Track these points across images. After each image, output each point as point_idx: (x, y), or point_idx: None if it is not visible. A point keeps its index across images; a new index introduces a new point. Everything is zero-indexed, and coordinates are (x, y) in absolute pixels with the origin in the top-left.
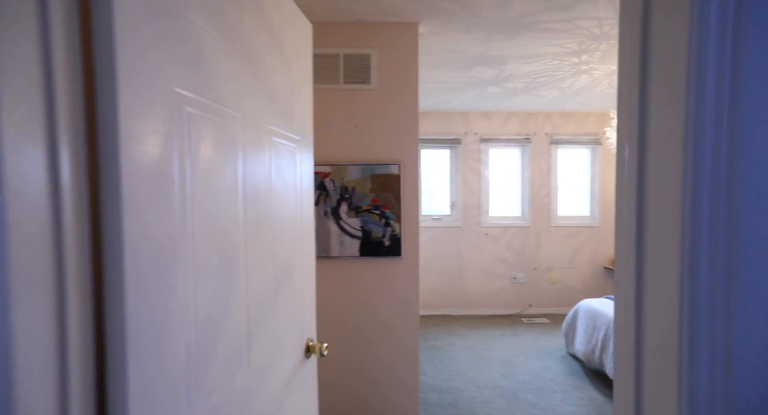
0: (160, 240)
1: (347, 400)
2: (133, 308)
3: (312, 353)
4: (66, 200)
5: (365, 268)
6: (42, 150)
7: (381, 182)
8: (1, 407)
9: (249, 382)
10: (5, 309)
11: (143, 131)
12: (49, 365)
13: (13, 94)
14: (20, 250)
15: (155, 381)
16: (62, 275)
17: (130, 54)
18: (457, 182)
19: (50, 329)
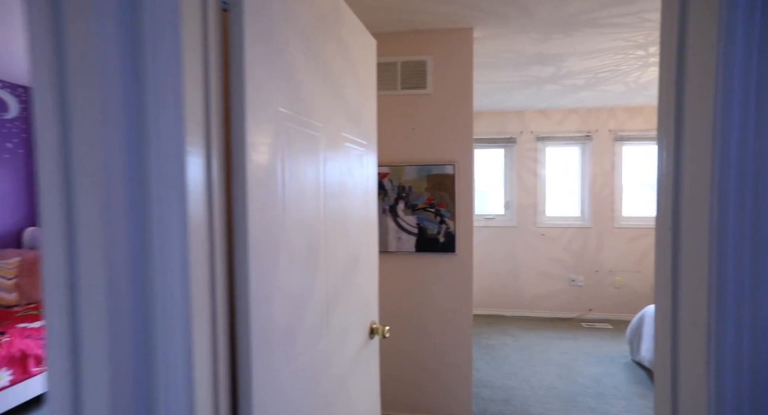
0: (269, 227)
1: (404, 386)
2: (253, 279)
3: (375, 335)
4: (215, 194)
5: (421, 263)
6: (202, 158)
7: (436, 182)
8: (182, 332)
9: (327, 350)
10: (185, 267)
11: (260, 142)
12: (207, 309)
13: (192, 118)
14: (192, 230)
15: (266, 335)
16: (213, 249)
17: (253, 86)
18: (511, 182)
19: (207, 284)
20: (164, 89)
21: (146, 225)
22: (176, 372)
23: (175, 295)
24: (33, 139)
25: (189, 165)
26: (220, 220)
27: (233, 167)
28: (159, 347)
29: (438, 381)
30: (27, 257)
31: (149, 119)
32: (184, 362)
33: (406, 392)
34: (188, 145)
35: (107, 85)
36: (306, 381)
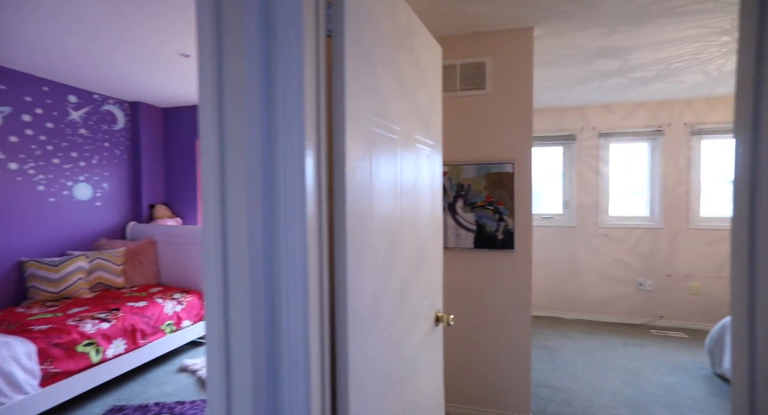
0: (362, 219)
1: (461, 378)
2: (350, 263)
3: (440, 322)
4: (323, 191)
5: (479, 259)
6: (315, 160)
7: (495, 180)
8: (301, 301)
9: (402, 330)
10: (303, 248)
11: (355, 146)
12: (317, 283)
13: (309, 127)
14: (309, 219)
15: (357, 309)
16: (321, 237)
17: (350, 98)
18: (570, 180)
19: (317, 265)
20: (291, 100)
21: (275, 215)
22: (297, 328)
23: (297, 271)
24: (136, 147)
25: (307, 166)
26: (326, 211)
27: (334, 167)
28: (283, 309)
29: (495, 376)
30: (130, 247)
31: (278, 127)
32: (303, 321)
33: (463, 384)
34: (307, 149)
35: (250, 104)
36: (386, 354)
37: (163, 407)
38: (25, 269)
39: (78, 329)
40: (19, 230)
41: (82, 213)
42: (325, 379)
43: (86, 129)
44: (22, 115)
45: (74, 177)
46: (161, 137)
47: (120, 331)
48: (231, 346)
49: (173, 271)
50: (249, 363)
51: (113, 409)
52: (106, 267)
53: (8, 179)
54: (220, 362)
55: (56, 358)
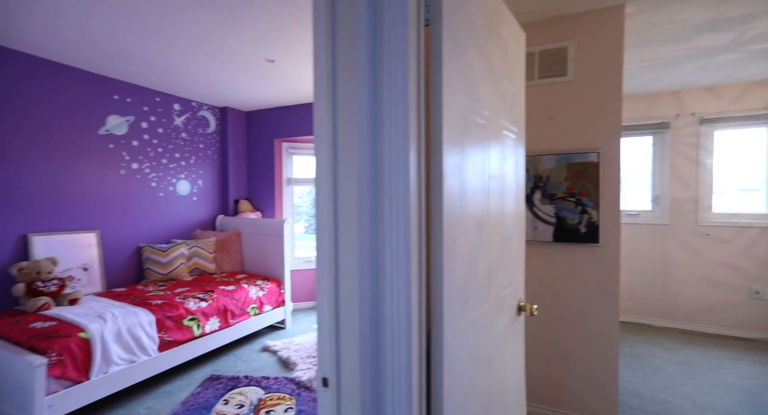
0: (455, 204)
1: (540, 378)
2: (446, 243)
3: (523, 312)
4: (422, 181)
5: (558, 253)
6: (416, 154)
7: (577, 170)
8: (405, 279)
9: (488, 314)
10: (407, 236)
11: (451, 134)
12: (417, 263)
13: (413, 124)
14: (411, 212)
15: (451, 288)
16: (420, 220)
17: (446, 84)
18: (662, 173)
19: (417, 246)
20: (396, 86)
21: (380, 204)
22: (400, 301)
23: (401, 252)
24: (224, 148)
25: (411, 155)
26: (424, 191)
27: (431, 151)
28: (387, 284)
29: (575, 379)
30: (220, 238)
31: (384, 122)
32: (406, 295)
33: (539, 383)
34: (411, 144)
35: (359, 102)
36: (474, 335)
37: (251, 380)
38: (142, 253)
39: (184, 306)
40: (139, 220)
41: (182, 206)
42: (422, 348)
43: (186, 133)
44: (141, 123)
45: (177, 175)
46: (244, 138)
47: (215, 310)
48: (340, 312)
49: (255, 260)
50: (356, 329)
51: (211, 377)
52: (201, 254)
53: (131, 177)
54: (330, 325)
55: (169, 328)
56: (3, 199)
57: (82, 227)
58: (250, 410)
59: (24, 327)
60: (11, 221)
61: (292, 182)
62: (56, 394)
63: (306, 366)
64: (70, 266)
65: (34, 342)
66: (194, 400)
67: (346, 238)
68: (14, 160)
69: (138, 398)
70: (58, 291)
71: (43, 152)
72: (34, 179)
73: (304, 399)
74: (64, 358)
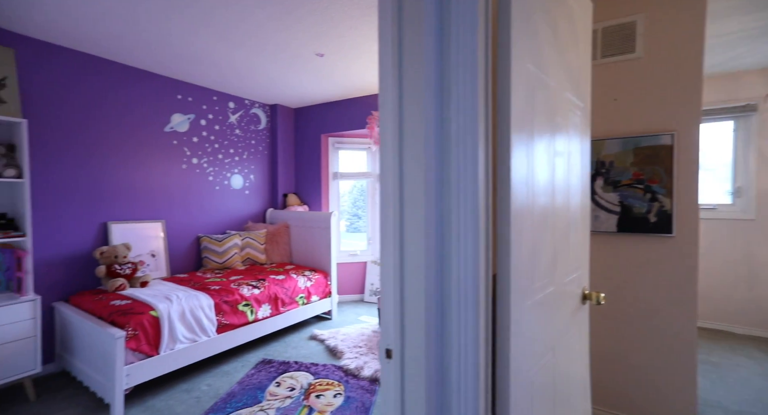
0: (522, 174)
1: (601, 377)
2: (513, 229)
3: (588, 300)
4: (489, 152)
5: (623, 244)
6: (483, 149)
7: (646, 155)
8: (473, 256)
9: (553, 297)
10: (475, 207)
11: (518, 102)
12: (485, 240)
13: (481, 94)
14: (480, 178)
15: (518, 264)
16: (487, 194)
17: (514, 46)
18: (746, 163)
19: (484, 227)
20: (464, 51)
21: (446, 174)
22: (467, 273)
23: (468, 221)
24: (273, 144)
25: (480, 157)
26: (491, 170)
27: (498, 121)
28: (453, 255)
29: (644, 384)
30: (270, 230)
31: (451, 113)
32: (474, 266)
33: (600, 384)
34: (480, 142)
35: (425, 94)
36: (539, 317)
37: (301, 366)
38: (201, 243)
39: (239, 292)
40: (198, 212)
41: (235, 200)
42: (489, 324)
43: (240, 129)
44: (200, 120)
45: (231, 170)
46: (292, 134)
47: (266, 297)
48: (405, 284)
49: (302, 251)
50: (422, 301)
51: (263, 361)
52: (253, 245)
53: (192, 171)
54: (395, 297)
55: (226, 312)
56: (90, 191)
57: (150, 216)
58: (301, 394)
59: (105, 304)
60: (95, 211)
61: (338, 176)
62: (132, 365)
63: (353, 355)
64: (141, 252)
65: (114, 317)
66: (249, 380)
67: (411, 206)
68: (99, 158)
69: (199, 376)
70: (132, 274)
71: (120, 150)
72: (112, 174)
73: (352, 386)
74: (138, 333)
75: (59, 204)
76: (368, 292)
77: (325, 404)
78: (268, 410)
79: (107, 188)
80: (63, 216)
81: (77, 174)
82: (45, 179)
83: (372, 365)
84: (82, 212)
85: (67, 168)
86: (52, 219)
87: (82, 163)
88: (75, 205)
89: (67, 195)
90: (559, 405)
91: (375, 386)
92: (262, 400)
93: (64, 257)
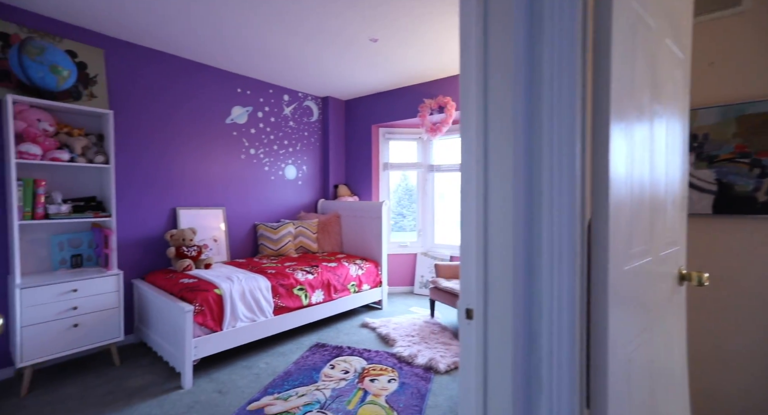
0: (624, 103)
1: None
2: (612, 167)
3: (685, 281)
4: (588, 98)
5: (721, 227)
6: (579, 146)
7: (754, 124)
8: (569, 236)
9: (650, 269)
10: (572, 165)
11: (620, 36)
12: (581, 196)
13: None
14: (577, 170)
15: (617, 220)
16: (583, 173)
17: None
18: None
19: (579, 175)
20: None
21: (537, 126)
22: (561, 220)
23: (564, 173)
24: (325, 136)
25: (577, 155)
26: (590, 95)
27: (597, 43)
28: (545, 212)
29: (750, 390)
30: (321, 220)
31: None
32: (569, 213)
33: (710, 395)
34: (577, 140)
35: (514, 90)
36: (636, 288)
37: (354, 351)
38: (257, 230)
39: (294, 276)
40: (255, 200)
41: (289, 190)
42: (584, 282)
43: (293, 122)
44: (258, 112)
45: (285, 161)
46: (343, 126)
47: (319, 283)
48: (489, 235)
49: (353, 241)
50: (509, 255)
51: (317, 345)
52: (305, 234)
53: (250, 162)
54: (478, 250)
55: (282, 295)
56: (162, 179)
57: (212, 203)
58: (355, 377)
59: (175, 282)
60: (166, 196)
61: (388, 167)
62: (199, 338)
63: (406, 343)
64: (204, 236)
65: (183, 293)
66: (304, 362)
67: (496, 141)
68: (170, 148)
69: (257, 355)
70: (197, 256)
71: (188, 141)
72: (180, 162)
73: (406, 373)
74: (204, 308)
75: (137, 189)
76: (418, 284)
77: (380, 388)
78: (323, 389)
79: (176, 176)
80: (140, 200)
81: (151, 162)
82: (125, 166)
83: (426, 353)
84: (155, 197)
85: (144, 156)
86: (130, 203)
87: (156, 152)
88: (150, 190)
89: (143, 181)
90: (656, 395)
91: (430, 374)
92: (317, 380)
93: (140, 239)
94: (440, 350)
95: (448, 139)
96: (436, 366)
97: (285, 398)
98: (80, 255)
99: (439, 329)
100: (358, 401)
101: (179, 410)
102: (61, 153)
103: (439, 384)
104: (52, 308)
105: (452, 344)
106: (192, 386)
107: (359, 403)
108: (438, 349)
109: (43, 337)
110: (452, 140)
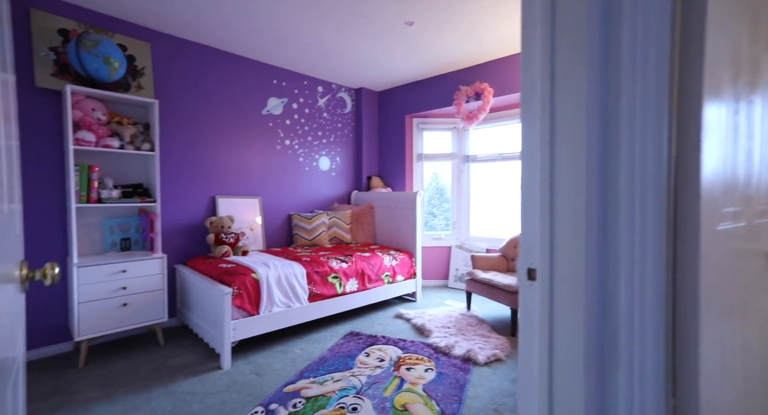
0: None
1: None
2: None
3: None
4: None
5: None
6: (666, 143)
7: None
8: None
9: (743, 234)
10: (657, 139)
11: None
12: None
13: None
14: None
15: (707, 165)
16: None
17: None
18: None
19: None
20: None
21: (613, 64)
22: (645, 165)
23: (649, 115)
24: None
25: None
26: None
27: None
28: (623, 151)
29: None
30: (355, 211)
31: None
32: (655, 160)
33: None
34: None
35: (586, 85)
36: (728, 254)
37: (389, 340)
38: (292, 220)
39: (328, 264)
40: (289, 191)
41: (323, 181)
42: (670, 236)
43: (327, 113)
44: (292, 104)
45: (319, 152)
46: (376, 117)
47: (353, 272)
48: (555, 183)
49: (386, 233)
50: (581, 206)
51: (351, 333)
52: (339, 224)
53: (285, 152)
54: (543, 201)
55: (316, 282)
56: (203, 168)
57: (249, 193)
58: (391, 365)
59: (215, 266)
60: (206, 185)
61: (422, 158)
62: (237, 320)
63: (442, 334)
64: (241, 225)
65: (222, 277)
66: (339, 349)
67: (564, 80)
68: (211, 138)
69: (292, 340)
70: (235, 243)
71: (226, 131)
72: (220, 152)
73: (444, 363)
74: (242, 291)
75: (178, 177)
76: (453, 277)
77: (417, 377)
78: (359, 376)
79: (215, 165)
80: (181, 188)
81: (192, 150)
82: (168, 155)
83: (463, 345)
84: (195, 185)
85: (185, 145)
86: (173, 190)
87: (196, 141)
88: (190, 178)
89: (184, 169)
90: (750, 385)
91: (468, 365)
92: (353, 367)
93: (181, 225)
94: (479, 342)
95: (484, 128)
96: (475, 358)
97: (321, 383)
98: (129, 239)
99: (476, 321)
100: (394, 389)
101: (219, 388)
102: (113, 140)
103: (479, 375)
104: (105, 286)
105: (491, 337)
106: (230, 367)
107: (396, 390)
108: (476, 341)
109: (97, 314)
110: (489, 129)
